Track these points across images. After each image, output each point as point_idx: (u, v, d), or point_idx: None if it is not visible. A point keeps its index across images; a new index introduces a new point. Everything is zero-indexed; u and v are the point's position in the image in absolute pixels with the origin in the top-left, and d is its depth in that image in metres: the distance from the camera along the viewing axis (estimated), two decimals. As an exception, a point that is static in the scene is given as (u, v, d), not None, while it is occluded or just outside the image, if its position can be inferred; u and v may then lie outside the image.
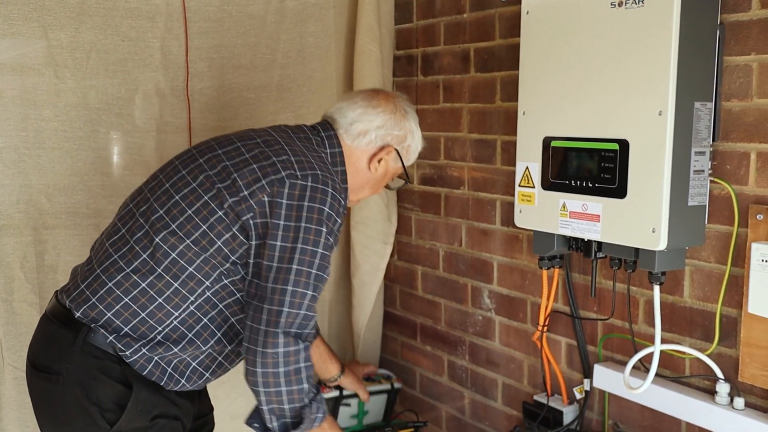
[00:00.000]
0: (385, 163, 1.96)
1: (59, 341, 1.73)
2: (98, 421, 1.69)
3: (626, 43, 1.71)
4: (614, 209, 1.77)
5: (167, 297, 1.70)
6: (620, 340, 2.07)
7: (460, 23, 2.51)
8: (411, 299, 2.87)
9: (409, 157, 2.01)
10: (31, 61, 2.21)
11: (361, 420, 2.62)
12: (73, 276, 1.85)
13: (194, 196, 1.71)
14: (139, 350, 1.71)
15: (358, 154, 1.93)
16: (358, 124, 1.91)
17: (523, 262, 2.35)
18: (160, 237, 1.69)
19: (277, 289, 1.64)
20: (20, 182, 2.23)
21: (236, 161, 1.73)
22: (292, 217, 1.66)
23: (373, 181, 1.98)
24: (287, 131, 1.88)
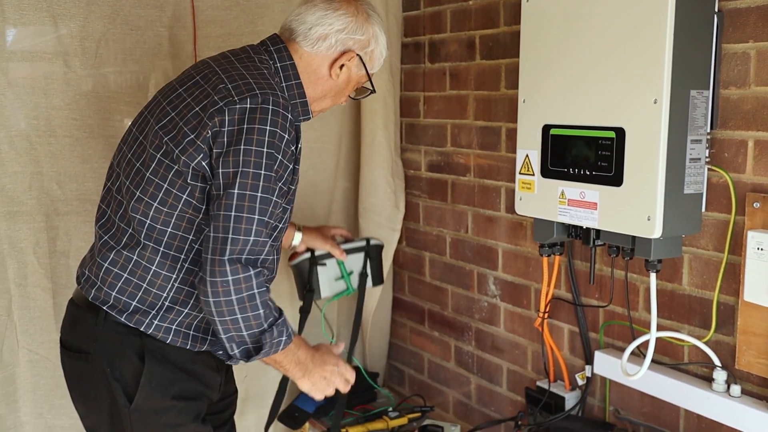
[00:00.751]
0: (348, 70, 1.84)
1: (84, 322, 1.78)
2: (119, 398, 1.72)
3: (623, 32, 1.71)
4: (611, 197, 1.77)
5: (159, 263, 1.71)
6: (621, 326, 2.08)
7: (466, 10, 2.51)
8: (419, 285, 2.89)
9: (373, 64, 1.89)
10: (41, 50, 2.25)
11: (349, 282, 2.59)
12: (83, 262, 1.89)
13: (148, 156, 1.69)
14: (151, 323, 1.72)
15: (319, 60, 1.82)
16: (317, 28, 1.79)
17: (527, 249, 2.36)
18: (131, 208, 1.70)
19: (220, 216, 1.59)
20: (32, 170, 2.28)
21: (179, 108, 1.69)
22: (232, 141, 1.60)
23: (335, 89, 1.87)
24: (228, 56, 1.81)
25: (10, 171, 2.24)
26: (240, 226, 1.58)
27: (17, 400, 2.36)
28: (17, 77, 2.22)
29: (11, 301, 2.30)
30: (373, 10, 1.89)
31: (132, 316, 1.73)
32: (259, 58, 1.80)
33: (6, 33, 2.19)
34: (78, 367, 1.80)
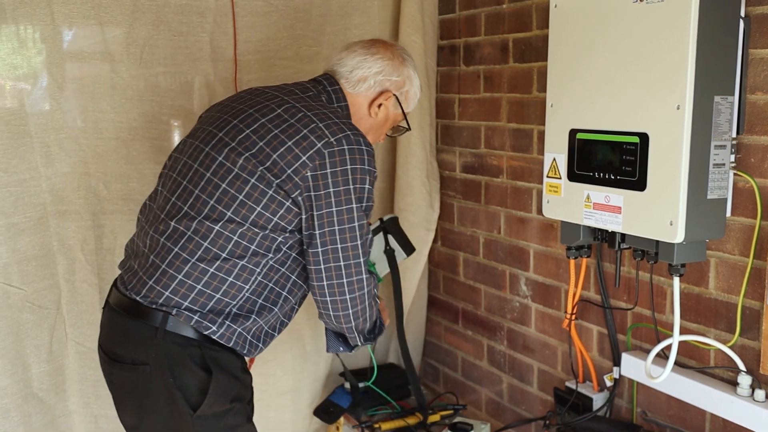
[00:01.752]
0: (385, 109, 2.00)
1: (139, 333, 1.79)
2: (182, 406, 1.76)
3: (647, 38, 1.73)
4: (635, 201, 1.79)
5: (236, 275, 1.78)
6: (649, 329, 2.09)
7: (500, 14, 2.54)
8: (453, 284, 2.93)
9: (408, 103, 2.06)
10: (89, 56, 2.35)
11: (376, 272, 2.53)
12: (129, 270, 1.89)
13: (240, 180, 1.76)
14: (223, 323, 1.80)
15: (360, 101, 1.98)
16: (357, 71, 1.97)
17: (558, 251, 2.38)
18: (220, 225, 1.76)
19: (334, 249, 1.79)
20: (80, 170, 2.38)
21: (268, 139, 1.78)
22: (338, 182, 1.75)
23: (375, 127, 2.03)
24: (296, 92, 1.92)
25: (59, 171, 2.35)
26: (351, 254, 1.81)
27: (65, 390, 2.47)
28: (66, 82, 2.33)
29: (60, 295, 2.41)
30: (408, 55, 2.06)
31: (200, 323, 1.78)
32: (324, 97, 1.95)
33: (56, 38, 2.30)
34: (133, 378, 1.82)
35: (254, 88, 2.00)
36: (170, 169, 1.93)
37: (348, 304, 1.86)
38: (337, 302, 1.85)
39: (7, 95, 2.25)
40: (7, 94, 2.25)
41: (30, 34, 2.27)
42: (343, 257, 1.80)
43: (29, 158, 2.29)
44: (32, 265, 2.34)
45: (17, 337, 2.33)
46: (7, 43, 2.22)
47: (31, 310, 2.35)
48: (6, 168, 2.24)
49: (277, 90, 1.94)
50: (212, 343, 1.81)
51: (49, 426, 2.44)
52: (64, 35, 2.31)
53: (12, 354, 2.32)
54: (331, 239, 1.78)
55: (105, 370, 1.93)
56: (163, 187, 1.92)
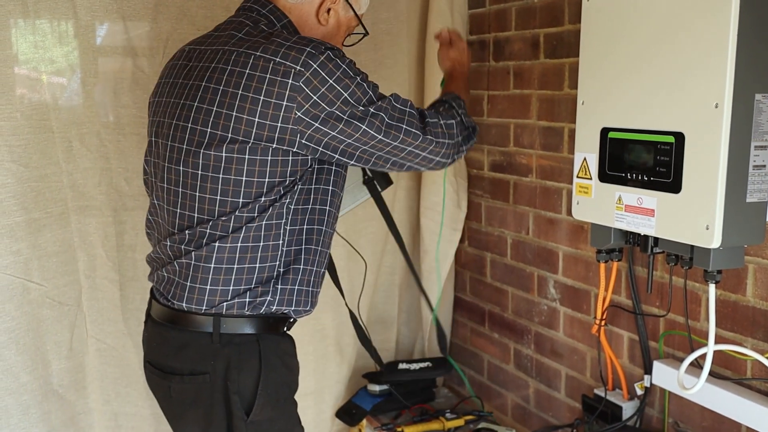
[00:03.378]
0: (335, 14, 1.81)
1: (195, 342, 1.72)
2: (237, 411, 1.69)
3: (684, 33, 1.65)
4: (669, 204, 1.71)
5: (265, 236, 1.67)
6: (682, 337, 2.01)
7: (531, 8, 2.47)
8: (480, 286, 2.86)
9: (360, 4, 1.86)
10: (111, 51, 2.33)
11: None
12: (162, 280, 1.79)
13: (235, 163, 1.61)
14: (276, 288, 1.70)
15: (306, 10, 1.78)
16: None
17: (588, 254, 2.31)
18: (237, 211, 1.64)
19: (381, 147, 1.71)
20: (102, 166, 2.36)
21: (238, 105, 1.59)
22: (333, 101, 1.59)
23: (328, 36, 1.82)
24: (234, 34, 1.70)
25: (81, 167, 2.33)
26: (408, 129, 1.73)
27: (86, 387, 2.45)
28: (87, 76, 2.30)
29: (81, 292, 2.39)
30: None
31: (253, 301, 1.68)
32: (263, 24, 1.73)
33: (78, 33, 2.27)
34: (193, 389, 1.73)
35: (188, 50, 1.79)
36: (155, 176, 1.80)
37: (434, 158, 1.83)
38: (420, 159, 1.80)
39: (29, 90, 2.22)
40: (29, 89, 2.22)
41: (52, 29, 2.24)
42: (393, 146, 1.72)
43: (51, 153, 2.27)
44: (53, 261, 2.32)
45: (37, 333, 2.31)
46: (28, 37, 2.20)
47: (52, 307, 2.33)
48: (27, 163, 2.22)
49: (213, 43, 1.73)
50: (269, 328, 1.73)
51: (69, 423, 2.42)
52: (87, 30, 2.28)
53: (32, 350, 2.30)
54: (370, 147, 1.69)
55: (160, 385, 1.81)
56: (160, 200, 1.78)
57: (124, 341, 2.46)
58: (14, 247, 2.22)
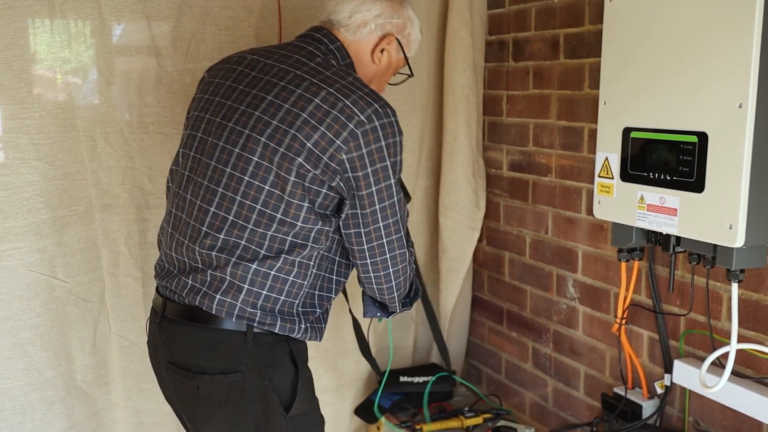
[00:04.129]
0: (388, 54, 1.90)
1: (226, 342, 1.74)
2: (276, 408, 1.72)
3: (707, 32, 1.66)
4: (692, 204, 1.72)
5: (296, 273, 1.74)
6: (703, 336, 2.02)
7: (551, 8, 2.48)
8: (498, 285, 2.87)
9: (410, 47, 1.96)
10: (135, 50, 2.35)
11: None
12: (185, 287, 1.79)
13: (281, 180, 1.67)
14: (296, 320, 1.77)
15: (362, 48, 1.88)
16: (357, 15, 1.85)
17: (608, 253, 2.31)
18: (273, 230, 1.69)
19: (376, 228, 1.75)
20: (125, 164, 2.38)
21: (298, 125, 1.66)
22: (375, 161, 1.68)
23: (378, 74, 1.93)
24: (304, 61, 1.78)
25: (105, 165, 2.35)
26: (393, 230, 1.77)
27: (108, 383, 2.48)
28: (112, 76, 2.33)
29: (104, 289, 2.42)
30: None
31: (276, 327, 1.74)
32: (332, 59, 1.82)
33: (103, 33, 2.30)
34: (224, 389, 1.74)
35: (251, 59, 1.85)
36: (191, 171, 1.83)
37: (391, 277, 1.83)
38: (381, 277, 1.82)
39: (55, 89, 2.25)
40: (55, 88, 2.25)
41: (77, 29, 2.27)
42: (385, 234, 1.75)
43: (76, 152, 2.30)
44: (77, 259, 2.35)
45: (61, 329, 2.34)
46: (56, 37, 2.23)
47: (76, 303, 2.36)
48: (53, 161, 2.25)
49: (281, 61, 1.79)
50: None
51: (92, 418, 2.45)
52: (112, 29, 2.31)
53: (56, 346, 2.33)
54: (373, 219, 1.73)
55: (186, 386, 1.79)
56: (195, 197, 1.79)
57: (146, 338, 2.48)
58: (39, 245, 2.25)
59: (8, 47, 2.15)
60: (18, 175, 2.20)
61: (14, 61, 2.17)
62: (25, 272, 2.24)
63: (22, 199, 2.21)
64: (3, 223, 2.19)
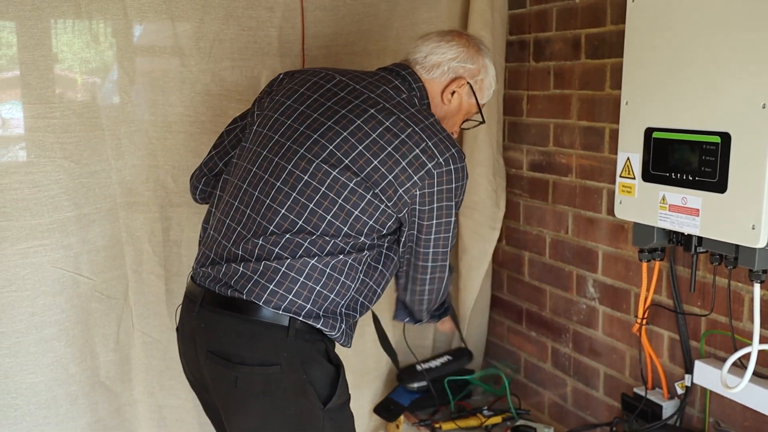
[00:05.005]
0: (459, 97, 2.00)
1: (269, 334, 1.78)
2: (314, 401, 1.77)
3: (730, 32, 1.66)
4: (714, 204, 1.72)
5: (346, 274, 1.82)
6: (724, 336, 2.02)
7: (573, 8, 2.48)
8: (518, 284, 2.88)
9: (483, 94, 2.05)
10: (159, 50, 2.38)
11: None
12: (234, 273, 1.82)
13: (356, 196, 1.78)
14: (337, 321, 1.83)
15: (434, 88, 1.99)
16: (432, 57, 1.97)
17: (628, 253, 2.31)
18: (342, 235, 1.79)
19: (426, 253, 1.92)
20: (149, 163, 2.41)
21: (382, 158, 1.78)
22: (443, 198, 1.84)
23: (448, 116, 2.03)
24: (390, 93, 1.89)
25: (129, 164, 2.39)
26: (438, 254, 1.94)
27: (131, 379, 2.51)
28: (136, 75, 2.36)
29: (128, 286, 2.45)
30: (485, 46, 2.07)
31: (321, 323, 1.80)
32: (413, 96, 1.95)
33: (127, 33, 2.33)
34: (262, 379, 1.79)
35: (332, 75, 1.95)
36: (254, 164, 1.88)
37: (426, 289, 2.00)
38: (416, 290, 2.01)
39: (80, 89, 2.29)
40: (80, 88, 2.29)
41: (102, 29, 2.30)
42: (432, 258, 1.92)
43: (101, 150, 2.33)
44: (101, 256, 2.38)
45: (86, 326, 2.37)
46: (80, 36, 2.26)
47: (100, 300, 2.39)
48: (78, 160, 2.29)
49: (369, 89, 1.90)
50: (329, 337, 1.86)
51: (115, 414, 2.48)
52: (136, 30, 2.34)
53: (81, 342, 2.36)
54: (425, 245, 1.89)
55: (224, 376, 1.82)
56: (261, 192, 1.85)
57: (169, 335, 2.51)
58: (65, 242, 2.29)
59: (35, 47, 2.19)
60: (44, 174, 2.24)
61: (41, 61, 2.20)
62: (50, 269, 2.28)
63: (48, 197, 2.24)
64: (29, 220, 2.23)
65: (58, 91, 2.24)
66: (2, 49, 2.19)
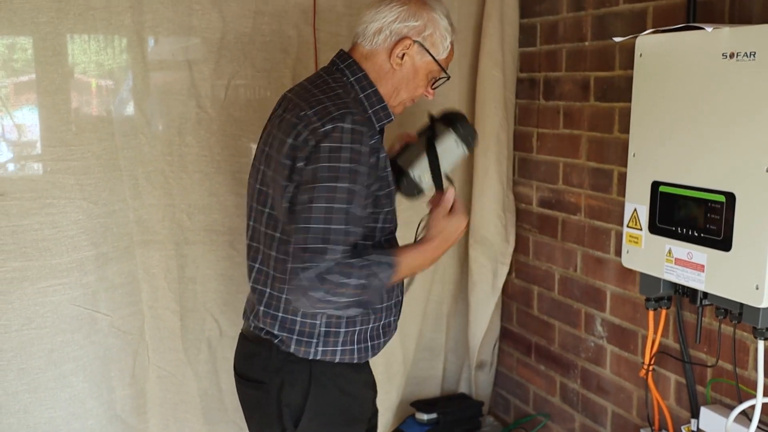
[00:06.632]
0: (410, 58, 1.84)
1: (259, 354, 1.88)
2: (287, 422, 1.82)
3: (735, 96, 1.69)
4: (719, 261, 1.75)
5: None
6: (730, 384, 2.04)
7: (582, 51, 2.51)
8: (527, 318, 2.91)
9: (438, 49, 1.86)
10: (176, 92, 2.43)
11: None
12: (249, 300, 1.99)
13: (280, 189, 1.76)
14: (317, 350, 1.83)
15: (381, 56, 1.85)
16: (372, 24, 1.84)
17: (636, 295, 2.35)
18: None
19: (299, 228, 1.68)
20: (166, 202, 2.46)
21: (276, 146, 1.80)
22: (318, 158, 1.68)
23: (404, 80, 1.87)
24: (305, 85, 1.89)
25: (146, 203, 2.43)
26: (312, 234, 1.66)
27: (146, 412, 2.56)
28: (153, 117, 2.41)
29: (144, 321, 2.50)
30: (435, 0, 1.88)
31: (299, 348, 1.83)
32: (333, 78, 1.87)
33: (146, 76, 2.38)
34: (255, 395, 1.91)
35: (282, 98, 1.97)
36: (250, 197, 1.96)
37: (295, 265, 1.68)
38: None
39: (100, 132, 2.33)
40: (100, 132, 2.33)
41: (120, 74, 2.35)
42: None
43: (119, 191, 2.38)
44: (118, 293, 2.43)
45: (103, 361, 2.42)
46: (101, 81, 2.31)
47: (117, 336, 2.44)
48: (97, 200, 2.34)
49: (291, 90, 1.93)
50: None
51: (131, 447, 2.54)
52: (154, 74, 2.39)
53: (98, 377, 2.41)
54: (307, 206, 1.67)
55: (238, 389, 2.01)
56: (255, 222, 1.92)
57: (184, 369, 2.56)
58: (84, 280, 2.34)
59: (56, 92, 2.24)
60: (64, 214, 2.29)
61: (61, 105, 2.26)
62: (69, 307, 2.33)
63: (67, 237, 2.30)
64: (49, 260, 2.28)
65: (78, 134, 2.28)
66: (24, 93, 2.24)
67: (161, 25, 2.35)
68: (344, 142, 1.68)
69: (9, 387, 2.26)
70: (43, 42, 2.17)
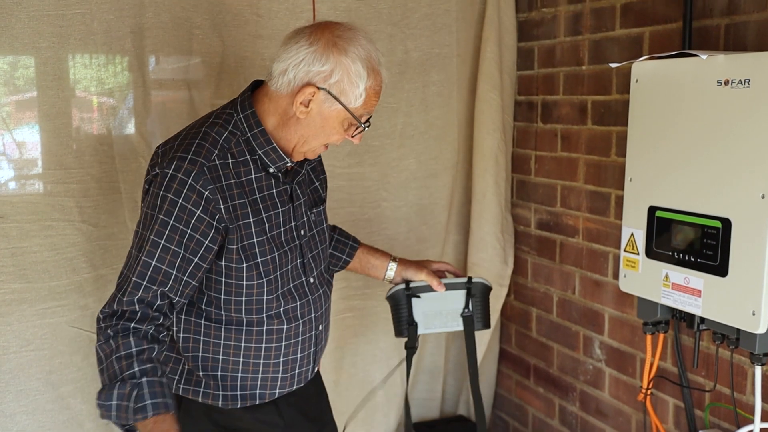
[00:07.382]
0: (317, 106, 1.63)
1: None
2: None
3: (730, 122, 1.70)
4: (715, 287, 1.76)
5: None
6: (727, 409, 2.04)
7: (579, 75, 2.53)
8: (525, 340, 2.92)
9: (348, 97, 1.62)
10: (176, 115, 2.44)
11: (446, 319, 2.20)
12: None
13: None
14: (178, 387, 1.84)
15: (284, 99, 1.65)
16: (278, 64, 1.63)
17: (634, 318, 2.35)
18: None
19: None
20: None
21: None
22: (144, 202, 1.67)
23: (312, 129, 1.66)
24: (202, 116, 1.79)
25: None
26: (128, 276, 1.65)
27: None
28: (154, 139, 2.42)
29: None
30: (351, 39, 1.63)
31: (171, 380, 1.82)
32: (226, 112, 1.72)
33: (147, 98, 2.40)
34: None
35: None
36: None
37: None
38: None
39: (99, 155, 2.35)
40: (99, 154, 2.34)
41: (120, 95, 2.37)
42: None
43: (118, 213, 2.39)
44: (117, 315, 2.43)
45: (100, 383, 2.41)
46: (101, 106, 2.33)
47: (115, 358, 2.44)
48: (96, 223, 2.34)
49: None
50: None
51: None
52: (154, 99, 2.41)
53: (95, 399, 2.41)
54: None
55: None
56: None
57: (182, 391, 2.56)
58: (82, 302, 2.34)
59: (57, 116, 2.25)
60: (63, 237, 2.30)
61: (62, 129, 2.27)
62: (67, 329, 2.33)
63: (66, 260, 2.30)
64: (48, 282, 2.28)
65: (78, 157, 2.30)
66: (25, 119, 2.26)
67: (162, 49, 2.37)
68: (164, 189, 1.60)
69: (7, 409, 2.26)
70: (44, 66, 2.19)
